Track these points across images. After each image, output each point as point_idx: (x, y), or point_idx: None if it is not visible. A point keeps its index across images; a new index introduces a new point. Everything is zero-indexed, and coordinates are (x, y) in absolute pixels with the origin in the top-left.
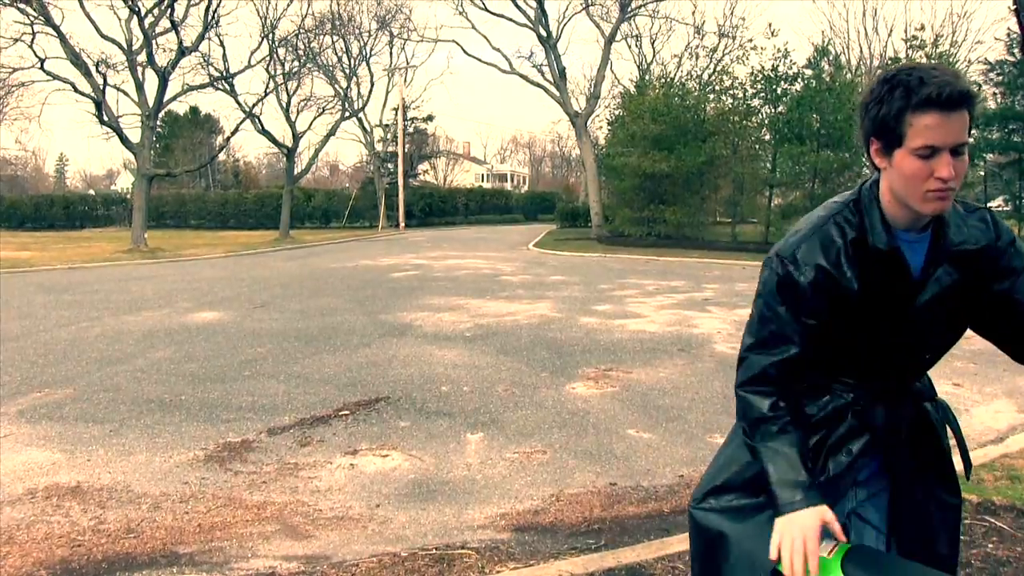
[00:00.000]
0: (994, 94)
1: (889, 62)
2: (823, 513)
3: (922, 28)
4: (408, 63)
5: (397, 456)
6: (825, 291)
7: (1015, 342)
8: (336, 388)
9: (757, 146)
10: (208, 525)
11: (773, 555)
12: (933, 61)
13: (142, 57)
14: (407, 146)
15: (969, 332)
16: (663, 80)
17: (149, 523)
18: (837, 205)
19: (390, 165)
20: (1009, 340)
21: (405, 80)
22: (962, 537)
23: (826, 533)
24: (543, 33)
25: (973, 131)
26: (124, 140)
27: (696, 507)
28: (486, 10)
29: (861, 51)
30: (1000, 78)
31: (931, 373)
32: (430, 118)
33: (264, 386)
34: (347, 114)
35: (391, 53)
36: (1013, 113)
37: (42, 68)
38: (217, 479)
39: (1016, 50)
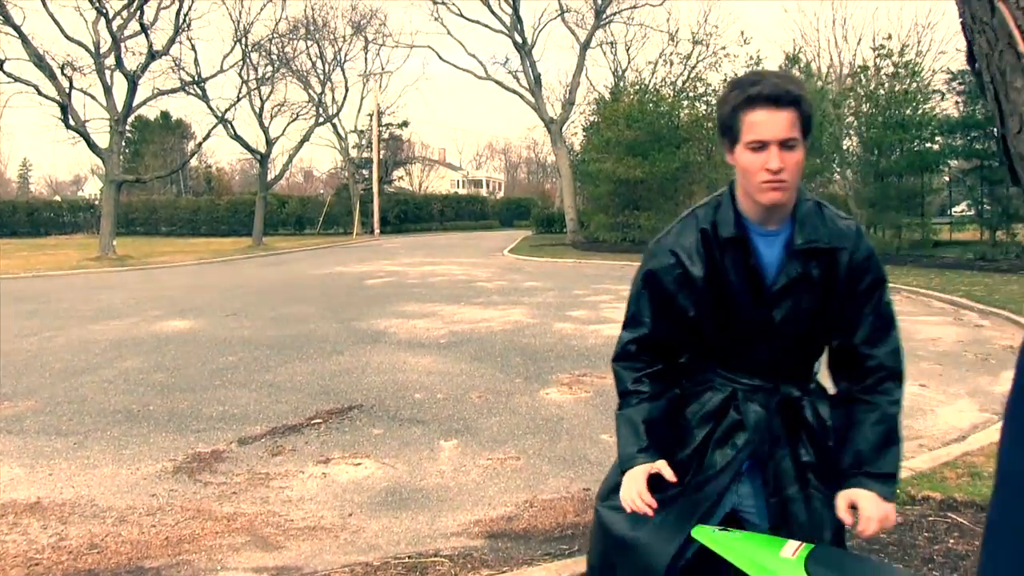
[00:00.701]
0: (957, 103)
1: (858, 69)
2: (656, 466)
3: (889, 37)
4: (383, 68)
5: (370, 464)
6: (676, 275)
7: (840, 360)
8: (308, 396)
9: None
10: (176, 538)
11: (626, 506)
12: (899, 70)
13: (110, 60)
14: (382, 152)
15: (935, 334)
16: (638, 87)
17: (114, 538)
18: (704, 200)
19: (365, 171)
20: (838, 357)
21: (380, 86)
22: (925, 533)
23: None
24: (518, 39)
25: (938, 138)
26: (92, 145)
27: (601, 505)
28: (461, 16)
29: (831, 59)
30: (962, 87)
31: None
32: (405, 124)
33: (235, 395)
34: (321, 120)
35: (366, 58)
36: (974, 121)
37: (1, 69)
38: (186, 490)
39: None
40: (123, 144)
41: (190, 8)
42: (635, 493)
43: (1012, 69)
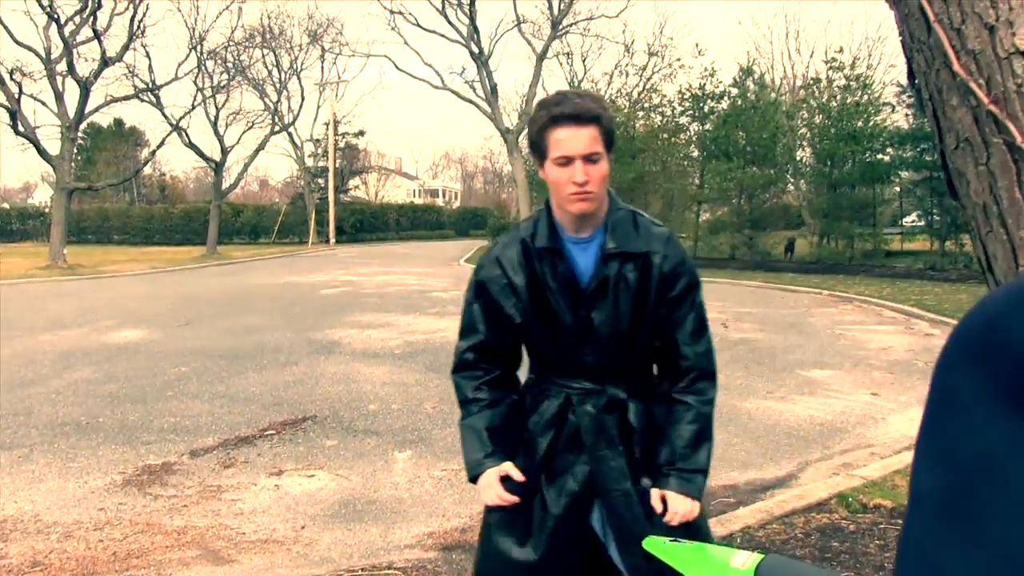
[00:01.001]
0: (907, 115)
1: (811, 81)
2: (503, 468)
3: (841, 51)
4: (339, 77)
5: (323, 476)
6: (502, 285)
7: (659, 361)
8: (262, 407)
9: (686, 163)
10: (124, 553)
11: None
12: (851, 82)
13: (62, 66)
14: (338, 161)
15: (887, 343)
16: None
17: (58, 554)
18: (528, 216)
19: (321, 180)
20: (657, 359)
21: (336, 95)
22: (876, 541)
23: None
24: (475, 49)
25: (889, 149)
26: (42, 152)
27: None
28: (418, 26)
29: (785, 71)
30: (911, 100)
31: (849, 384)
32: (361, 133)
33: (187, 406)
34: (277, 128)
35: (322, 67)
36: (923, 133)
37: None
38: (135, 504)
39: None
40: (75, 151)
41: (144, 15)
42: (495, 496)
43: (948, 88)
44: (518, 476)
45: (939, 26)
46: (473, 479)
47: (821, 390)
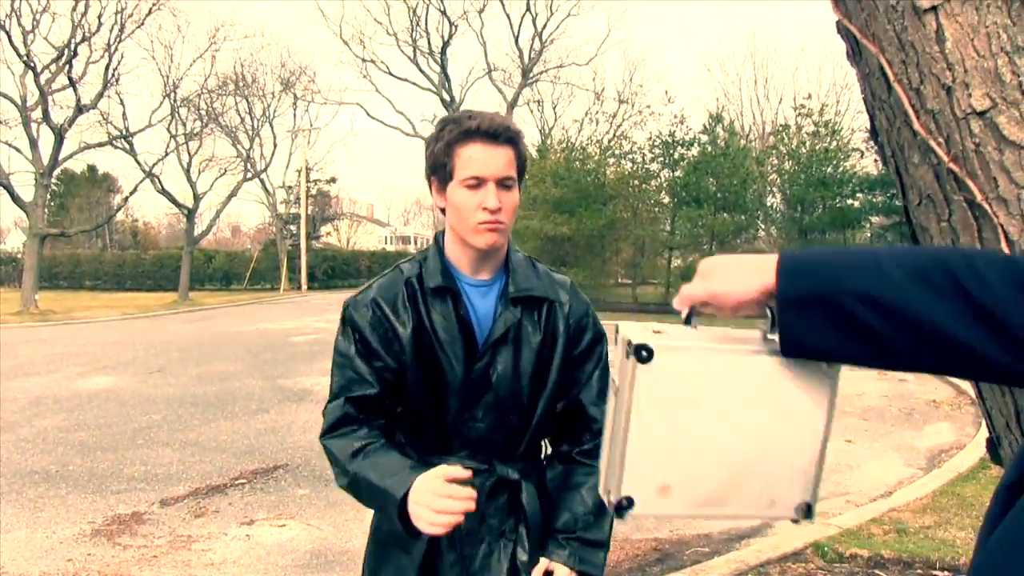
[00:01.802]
0: (876, 160)
1: (780, 128)
2: (440, 471)
3: (809, 97)
4: (312, 125)
5: (295, 526)
6: (381, 332)
7: (560, 425)
8: (233, 456)
9: (656, 209)
10: None
11: (430, 530)
12: (820, 129)
13: (37, 114)
14: (310, 208)
15: (860, 388)
16: (564, 144)
17: None
18: (410, 256)
19: (292, 227)
20: (557, 422)
21: (308, 142)
22: None
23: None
24: (447, 97)
25: (859, 195)
26: (15, 198)
27: None
28: (390, 74)
29: (754, 117)
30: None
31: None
32: (333, 180)
33: (158, 455)
34: (249, 175)
35: (295, 115)
36: (892, 180)
37: None
38: (104, 555)
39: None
40: (48, 197)
41: (119, 63)
42: (443, 502)
43: (909, 145)
44: (464, 473)
45: (899, 86)
46: (401, 504)
47: None
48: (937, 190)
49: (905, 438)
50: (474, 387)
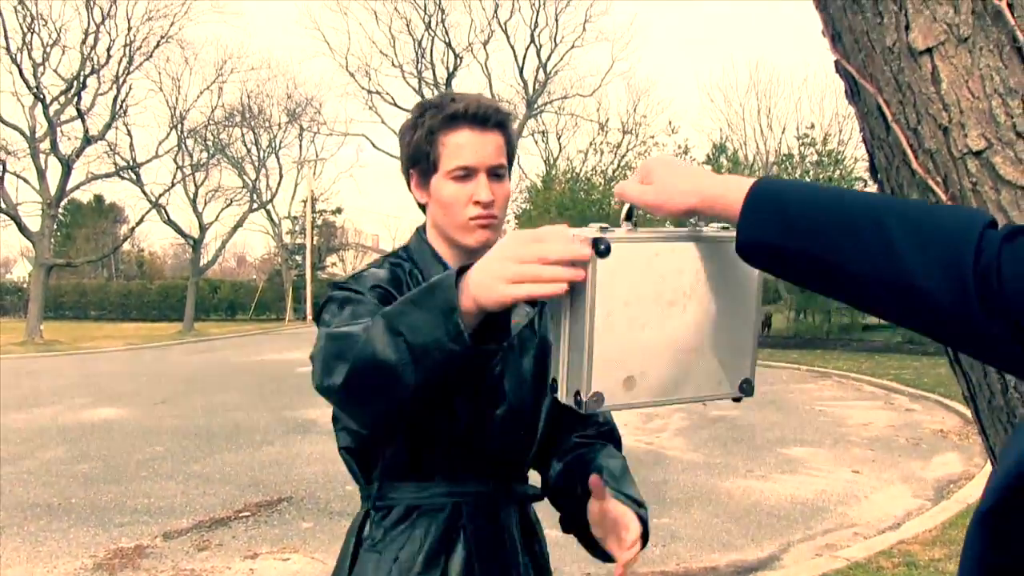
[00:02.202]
0: (875, 184)
1: (783, 158)
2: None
3: (812, 127)
4: (317, 156)
5: (299, 559)
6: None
7: (544, 451)
8: (237, 488)
9: None
10: None
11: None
12: (823, 158)
13: (45, 145)
14: (315, 238)
15: (867, 419)
16: (569, 175)
17: None
18: (386, 255)
19: (298, 257)
20: (545, 447)
21: (314, 172)
22: None
23: None
24: None
25: None
26: (22, 228)
27: None
28: (396, 105)
29: (758, 147)
30: None
31: (830, 462)
32: (339, 211)
33: (161, 487)
34: (255, 206)
35: (301, 145)
36: None
37: None
38: None
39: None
40: (55, 227)
41: (127, 95)
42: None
43: (908, 184)
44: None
45: (897, 126)
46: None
47: (802, 468)
48: None
49: (913, 468)
50: (487, 398)
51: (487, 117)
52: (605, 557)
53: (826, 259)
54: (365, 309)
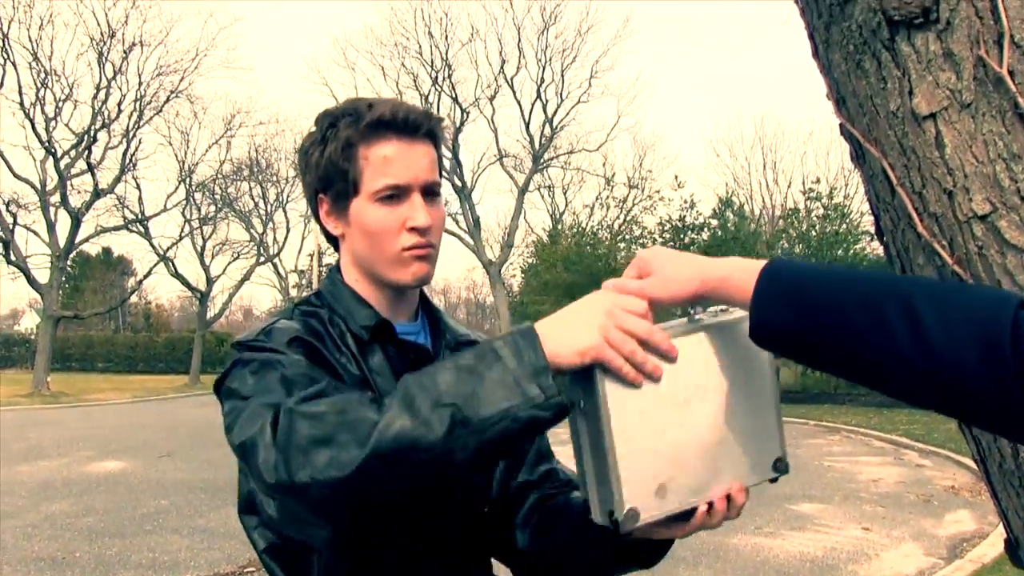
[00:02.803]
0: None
1: (790, 212)
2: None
3: (818, 181)
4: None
5: None
6: (322, 362)
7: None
8: (242, 543)
9: None
10: None
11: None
12: (829, 212)
13: (55, 198)
14: None
15: (877, 474)
16: (575, 229)
17: None
18: (291, 305)
19: None
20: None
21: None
22: None
23: None
24: (458, 183)
25: None
26: (31, 280)
27: None
28: None
29: (763, 201)
30: None
31: (839, 519)
32: None
33: (166, 541)
34: (262, 259)
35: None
36: None
37: None
38: None
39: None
40: (63, 279)
41: (137, 148)
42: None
43: (914, 247)
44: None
45: (902, 189)
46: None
47: (811, 525)
48: None
49: (924, 526)
50: None
51: (417, 124)
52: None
53: (849, 341)
54: (295, 373)
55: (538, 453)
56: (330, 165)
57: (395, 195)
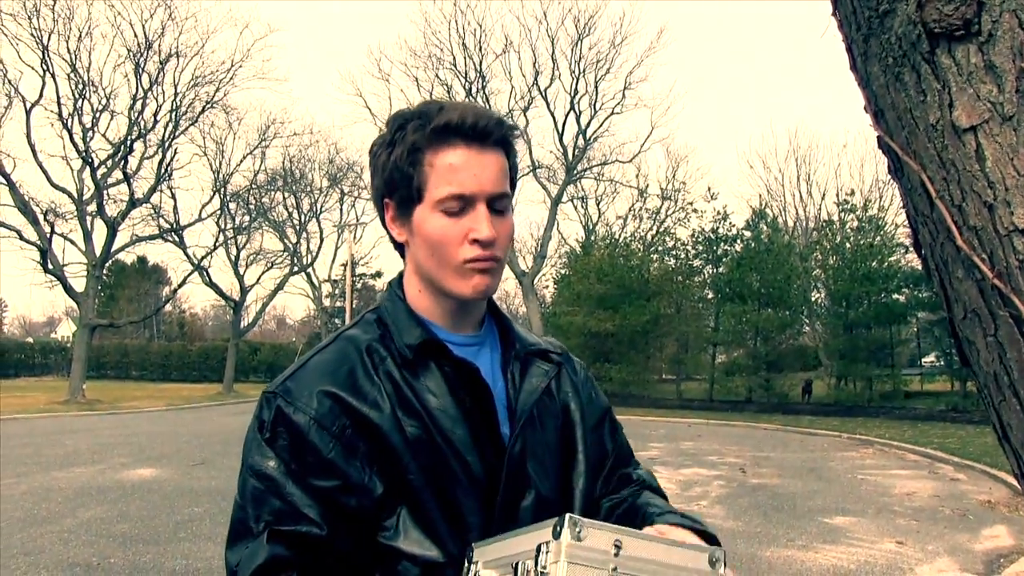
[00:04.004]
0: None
1: (824, 224)
2: None
3: (852, 193)
4: (358, 220)
5: None
6: (340, 430)
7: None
8: None
9: (700, 305)
10: None
11: None
12: (864, 224)
13: (92, 207)
14: (355, 302)
15: (911, 488)
16: (608, 241)
17: None
18: (361, 314)
19: (338, 320)
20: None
21: (355, 237)
22: None
23: None
24: None
25: (904, 290)
26: (68, 289)
27: None
28: None
29: (797, 213)
30: None
31: (873, 532)
32: (378, 274)
33: (200, 548)
34: (296, 269)
35: (341, 209)
36: None
37: None
38: None
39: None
40: (99, 288)
41: (173, 158)
42: None
43: (953, 260)
44: None
45: (941, 203)
46: None
47: (844, 538)
48: (982, 305)
49: (960, 541)
50: (510, 488)
51: (488, 131)
52: None
53: None
54: (279, 508)
55: (617, 459)
56: (396, 170)
57: (460, 206)
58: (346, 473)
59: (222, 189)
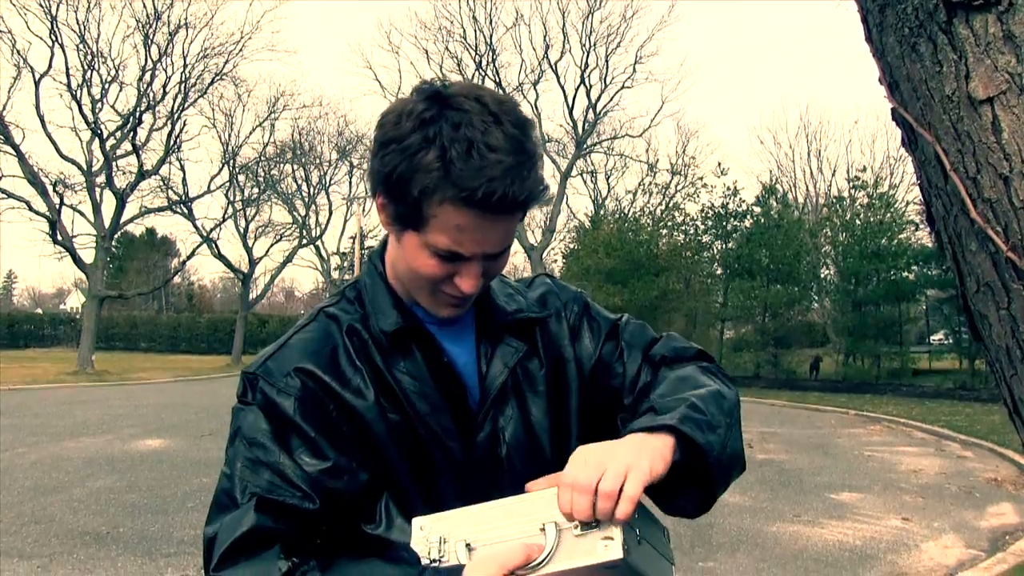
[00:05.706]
0: (931, 233)
1: (834, 200)
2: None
3: (863, 169)
4: (367, 193)
5: None
6: (319, 409)
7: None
8: None
9: (709, 280)
10: None
11: None
12: (874, 201)
13: (101, 178)
14: None
15: (917, 465)
16: (617, 215)
17: None
18: (330, 298)
19: None
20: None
21: (363, 209)
22: None
23: None
24: None
25: (914, 267)
26: (77, 260)
27: None
28: None
29: (807, 189)
30: None
31: (879, 508)
32: None
33: None
34: (305, 241)
35: (350, 182)
36: None
37: None
38: None
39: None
40: (108, 260)
41: (182, 130)
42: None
43: (966, 233)
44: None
45: (955, 175)
46: None
47: (850, 514)
48: (996, 278)
49: (965, 518)
50: (480, 473)
51: (508, 205)
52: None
53: None
54: (268, 480)
55: (634, 380)
56: (402, 184)
57: (452, 258)
58: (332, 455)
59: (231, 161)
